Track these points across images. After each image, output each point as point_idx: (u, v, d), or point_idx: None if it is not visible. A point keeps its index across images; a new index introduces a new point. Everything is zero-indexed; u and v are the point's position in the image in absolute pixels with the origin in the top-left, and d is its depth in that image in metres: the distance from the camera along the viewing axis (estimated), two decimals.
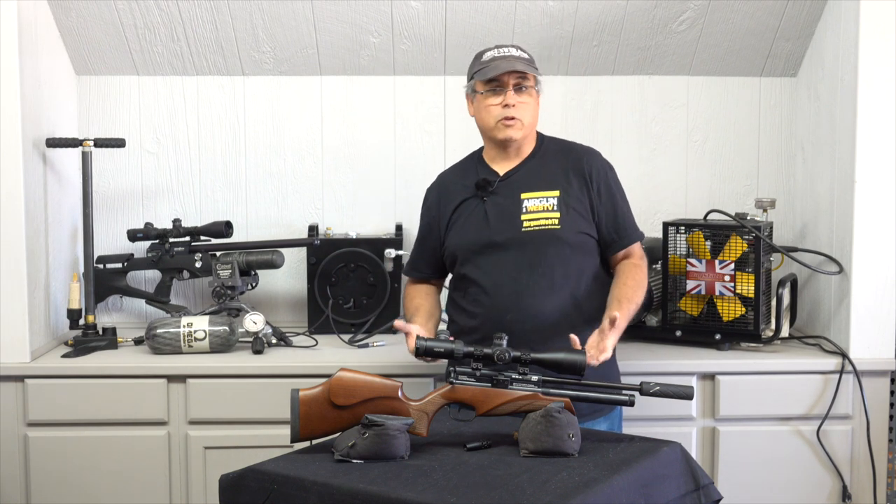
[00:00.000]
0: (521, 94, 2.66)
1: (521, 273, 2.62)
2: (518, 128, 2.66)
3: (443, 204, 2.78)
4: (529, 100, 2.67)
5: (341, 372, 2.27)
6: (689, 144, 3.64)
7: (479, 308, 2.66)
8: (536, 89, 2.70)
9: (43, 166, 3.21)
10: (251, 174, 3.61)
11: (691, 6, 3.35)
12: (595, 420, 2.65)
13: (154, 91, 3.56)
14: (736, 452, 3.07)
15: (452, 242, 2.73)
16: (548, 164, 2.72)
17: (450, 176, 2.84)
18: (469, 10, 3.36)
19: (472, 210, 2.71)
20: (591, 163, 2.72)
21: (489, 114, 2.67)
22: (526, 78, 2.66)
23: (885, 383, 3.12)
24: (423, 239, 2.85)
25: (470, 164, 2.81)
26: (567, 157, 2.73)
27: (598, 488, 2.00)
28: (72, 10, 3.31)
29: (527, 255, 2.63)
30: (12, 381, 3.03)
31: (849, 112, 3.11)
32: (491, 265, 2.65)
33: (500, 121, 2.65)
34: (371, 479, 2.04)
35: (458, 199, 2.74)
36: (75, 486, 3.04)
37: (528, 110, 2.67)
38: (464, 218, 2.72)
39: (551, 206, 2.66)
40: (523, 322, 2.59)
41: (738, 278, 3.13)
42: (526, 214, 2.66)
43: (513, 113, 2.64)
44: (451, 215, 2.74)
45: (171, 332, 3.13)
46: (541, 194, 2.67)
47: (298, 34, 3.42)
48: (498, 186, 2.70)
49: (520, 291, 2.61)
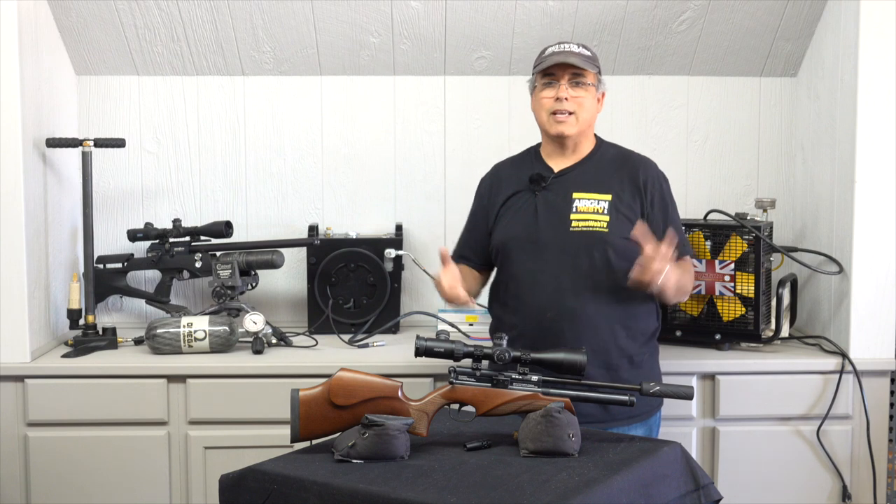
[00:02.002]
0: (576, 88, 2.65)
1: (563, 273, 2.61)
2: (571, 123, 2.65)
3: (494, 194, 2.78)
4: (585, 94, 2.65)
5: (341, 372, 2.27)
6: (689, 144, 3.64)
7: (519, 304, 2.66)
8: (597, 88, 2.69)
9: (43, 166, 3.21)
10: (251, 174, 3.61)
11: (691, 6, 3.35)
12: (631, 426, 2.63)
13: (154, 91, 3.56)
14: (736, 452, 3.07)
15: (499, 235, 2.72)
16: (603, 168, 2.71)
17: (505, 167, 2.84)
18: (469, 10, 3.35)
19: (523, 204, 2.70)
20: (647, 172, 2.71)
21: (542, 106, 2.68)
22: (583, 74, 2.65)
23: (885, 383, 3.12)
24: (471, 227, 2.85)
25: (526, 158, 2.81)
26: (624, 164, 2.73)
27: (598, 488, 2.00)
28: (72, 10, 3.31)
29: (571, 255, 2.62)
30: (12, 381, 3.03)
31: (849, 112, 3.11)
32: (534, 262, 2.64)
33: (551, 115, 2.65)
34: (371, 479, 2.04)
35: (510, 190, 2.74)
36: (75, 486, 3.04)
37: (583, 105, 2.65)
38: (513, 211, 2.71)
39: (602, 209, 2.65)
40: (563, 321, 2.59)
41: (738, 278, 3.13)
42: (575, 214, 2.65)
43: (565, 106, 2.64)
44: (500, 206, 2.74)
45: (171, 332, 3.13)
46: (593, 196, 2.66)
47: (298, 34, 3.42)
48: (551, 183, 2.69)
49: (561, 291, 2.60)
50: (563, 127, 2.65)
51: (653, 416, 2.71)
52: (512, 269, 2.68)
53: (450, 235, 3.57)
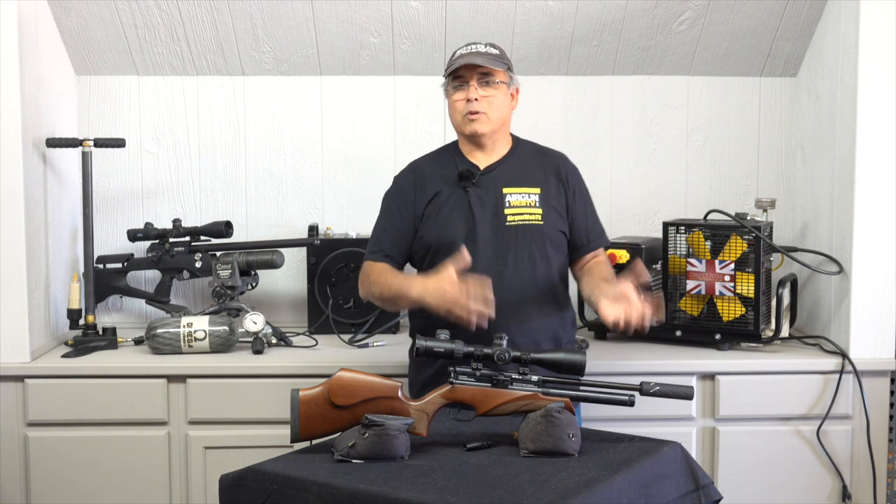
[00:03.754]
0: (486, 88, 2.66)
1: (503, 268, 2.62)
2: (483, 122, 2.66)
3: (418, 192, 2.73)
4: (495, 93, 2.66)
5: (341, 372, 2.27)
6: (689, 144, 3.64)
7: None
8: (508, 85, 2.70)
9: (43, 166, 3.21)
10: (251, 174, 3.61)
11: (691, 6, 3.35)
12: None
13: (154, 91, 3.56)
14: (736, 452, 3.07)
15: (432, 232, 2.69)
16: (526, 163, 2.74)
17: (425, 164, 2.80)
18: (469, 10, 3.35)
19: (455, 201, 2.69)
20: (566, 166, 2.76)
21: (455, 109, 2.69)
22: (491, 74, 2.66)
23: (885, 383, 3.12)
24: (390, 224, 2.74)
25: (446, 156, 2.78)
26: (544, 159, 2.77)
27: (598, 488, 2.00)
28: (72, 10, 3.31)
29: (510, 249, 2.64)
30: (12, 381, 3.03)
31: (849, 112, 3.11)
32: (473, 258, 2.57)
33: (465, 115, 2.67)
34: (371, 479, 2.04)
35: (436, 188, 2.71)
36: (75, 486, 3.04)
37: (493, 104, 2.66)
38: (447, 208, 2.69)
39: (533, 203, 2.67)
40: (506, 317, 2.54)
41: (738, 278, 3.13)
42: (509, 209, 2.66)
43: (476, 107, 2.65)
44: (427, 204, 2.71)
45: (171, 332, 3.13)
46: (522, 190, 2.69)
47: (298, 34, 3.42)
48: (479, 179, 2.70)
49: (501, 285, 2.55)
50: (476, 125, 2.66)
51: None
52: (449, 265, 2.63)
53: None
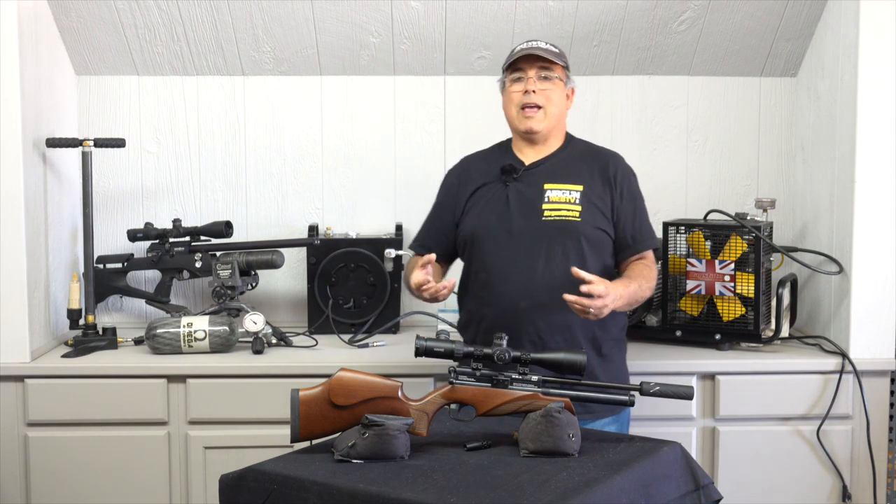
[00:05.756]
0: (544, 82, 2.67)
1: (536, 262, 2.62)
2: (539, 119, 2.67)
3: (462, 185, 2.78)
4: (553, 88, 2.68)
5: (341, 372, 2.27)
6: (689, 144, 3.64)
7: (490, 295, 2.65)
8: (565, 83, 2.71)
9: (43, 166, 3.21)
10: (251, 174, 3.61)
11: (691, 6, 3.35)
12: (606, 419, 2.65)
13: (154, 91, 3.56)
14: (736, 452, 3.07)
15: (469, 225, 2.72)
16: (574, 160, 2.74)
17: (474, 160, 2.85)
18: (469, 10, 3.36)
19: (494, 195, 2.71)
20: (615, 166, 2.75)
21: (511, 101, 2.70)
22: (550, 68, 2.67)
23: (885, 383, 3.12)
24: (435, 217, 2.85)
25: (496, 151, 2.82)
26: (594, 157, 2.76)
27: (598, 488, 2.00)
28: (72, 10, 3.31)
29: (544, 244, 2.63)
30: (12, 381, 3.03)
31: (849, 112, 3.11)
32: (506, 252, 2.64)
33: (520, 110, 2.67)
34: (371, 479, 2.04)
35: (479, 181, 2.74)
36: (75, 486, 3.04)
37: (551, 99, 2.68)
38: (484, 201, 2.72)
39: (573, 199, 2.67)
40: (535, 311, 2.59)
41: (738, 278, 3.13)
42: (547, 204, 2.66)
43: (534, 99, 2.65)
44: (469, 197, 2.74)
45: (171, 332, 3.13)
46: (564, 186, 2.68)
47: (298, 34, 3.42)
48: (522, 175, 2.71)
49: (534, 280, 2.60)
50: (532, 122, 2.68)
51: (624, 410, 2.71)
52: (483, 259, 2.68)
53: None
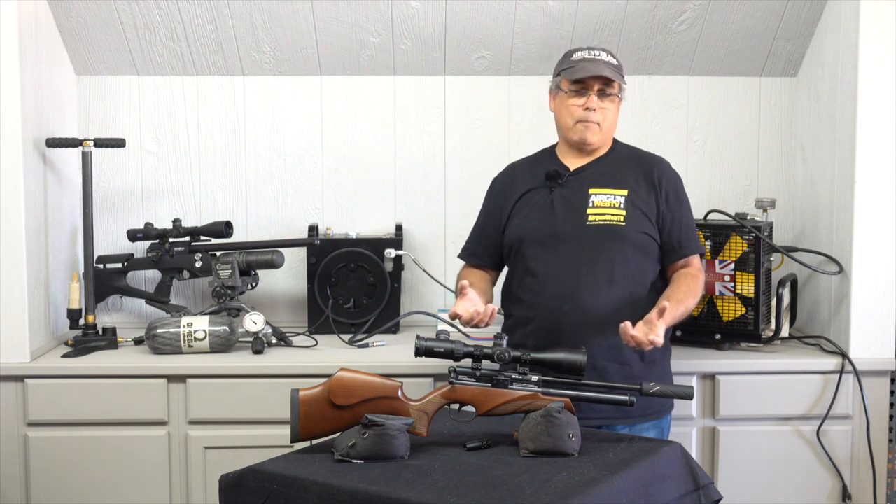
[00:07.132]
0: (603, 99, 2.69)
1: (580, 266, 2.63)
2: (595, 132, 2.70)
3: (508, 191, 2.80)
4: (611, 106, 2.71)
5: (341, 372, 2.27)
6: (689, 144, 3.64)
7: (535, 299, 2.66)
8: (620, 97, 2.73)
9: (43, 166, 3.21)
10: (251, 174, 3.61)
11: (691, 6, 3.35)
12: (643, 424, 2.65)
13: (154, 91, 3.56)
14: (736, 452, 3.07)
15: (515, 230, 2.74)
16: (619, 165, 2.75)
17: (520, 166, 2.87)
18: (469, 10, 3.35)
19: (539, 200, 2.73)
20: (662, 170, 2.76)
21: (570, 113, 2.71)
22: (611, 85, 2.69)
23: (885, 383, 3.12)
24: (483, 225, 2.86)
25: (541, 157, 2.84)
26: (639, 162, 2.77)
27: (598, 488, 2.00)
28: (72, 10, 3.31)
29: (588, 248, 2.64)
30: (12, 381, 3.03)
31: (849, 112, 3.11)
32: (551, 256, 2.65)
33: (578, 121, 2.69)
34: (371, 479, 2.04)
35: (525, 187, 2.76)
36: (75, 486, 3.03)
37: (609, 116, 2.71)
38: (529, 207, 2.73)
39: (618, 204, 2.68)
40: (579, 315, 2.59)
41: (738, 278, 3.13)
42: (592, 209, 2.67)
43: (593, 118, 2.68)
44: (514, 203, 2.76)
45: (171, 332, 3.13)
46: (609, 191, 2.69)
47: (298, 34, 3.42)
48: (567, 180, 2.72)
49: (578, 284, 2.61)
50: (589, 134, 2.70)
51: (664, 416, 2.72)
52: (528, 264, 2.69)
53: (450, 235, 3.57)
